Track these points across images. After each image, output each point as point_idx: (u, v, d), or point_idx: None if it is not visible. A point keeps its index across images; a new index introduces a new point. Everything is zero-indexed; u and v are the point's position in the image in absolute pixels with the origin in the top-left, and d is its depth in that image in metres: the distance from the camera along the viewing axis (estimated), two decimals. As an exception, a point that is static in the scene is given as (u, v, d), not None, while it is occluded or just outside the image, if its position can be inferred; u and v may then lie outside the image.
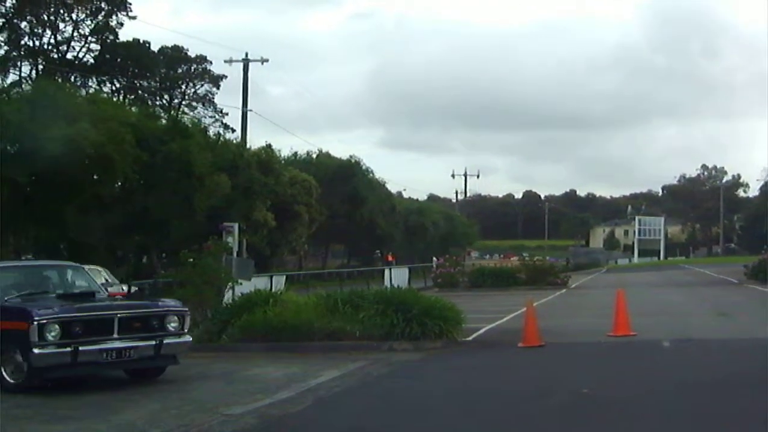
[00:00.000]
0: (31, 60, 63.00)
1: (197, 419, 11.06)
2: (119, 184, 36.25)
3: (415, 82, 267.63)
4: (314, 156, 70.17)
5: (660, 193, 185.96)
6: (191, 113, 70.56)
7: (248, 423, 10.82)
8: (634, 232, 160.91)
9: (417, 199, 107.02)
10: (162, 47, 70.49)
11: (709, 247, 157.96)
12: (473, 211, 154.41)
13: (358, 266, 68.19)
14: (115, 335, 13.16)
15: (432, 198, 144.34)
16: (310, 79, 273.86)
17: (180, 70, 72.80)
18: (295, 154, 67.78)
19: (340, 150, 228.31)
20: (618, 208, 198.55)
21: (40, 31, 63.10)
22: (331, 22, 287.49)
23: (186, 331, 14.44)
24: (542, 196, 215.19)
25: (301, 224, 54.13)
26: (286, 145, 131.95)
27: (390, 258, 74.83)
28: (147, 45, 67.90)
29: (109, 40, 65.33)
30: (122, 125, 33.88)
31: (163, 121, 44.05)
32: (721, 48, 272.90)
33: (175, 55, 71.01)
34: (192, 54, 72.19)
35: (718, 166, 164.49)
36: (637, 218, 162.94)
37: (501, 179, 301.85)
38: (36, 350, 12.53)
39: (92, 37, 65.07)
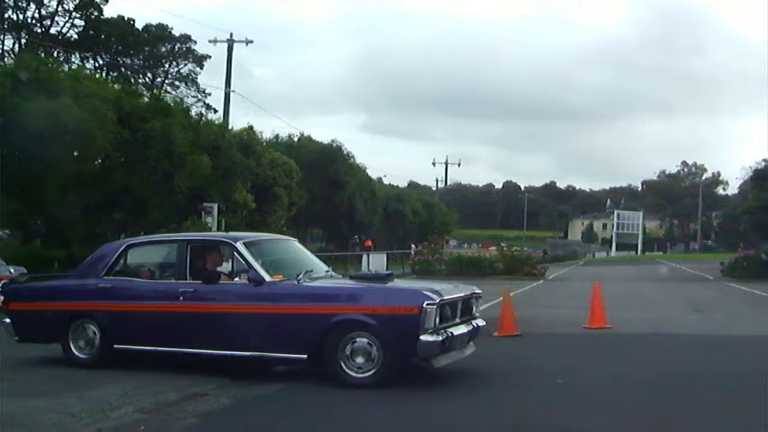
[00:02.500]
0: (14, 34, 62.67)
1: (171, 397, 11.09)
2: (99, 161, 36.11)
3: (400, 68, 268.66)
4: (296, 139, 70.01)
5: (639, 188, 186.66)
6: (174, 92, 70.54)
7: (222, 402, 10.87)
8: (613, 225, 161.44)
9: (397, 186, 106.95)
10: (146, 25, 70.45)
11: (687, 244, 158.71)
12: (453, 199, 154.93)
13: (336, 251, 68.08)
14: (458, 319, 12.58)
15: (412, 185, 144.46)
16: (294, 61, 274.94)
17: (164, 49, 72.71)
18: (277, 136, 67.57)
19: (322, 134, 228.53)
20: (597, 202, 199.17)
21: (24, 4, 62.78)
22: (317, 5, 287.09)
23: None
24: (522, 187, 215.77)
25: (280, 207, 53.97)
26: (268, 128, 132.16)
27: (369, 243, 74.81)
28: (131, 22, 67.75)
29: (93, 16, 65.09)
30: (104, 102, 33.69)
31: (146, 100, 43.84)
32: (709, 45, 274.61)
33: (159, 33, 70.88)
34: (176, 33, 72.14)
35: (698, 163, 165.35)
36: (615, 212, 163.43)
37: (482, 169, 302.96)
38: (424, 337, 11.57)
39: (77, 12, 64.86)
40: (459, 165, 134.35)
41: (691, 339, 18.24)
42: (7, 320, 14.17)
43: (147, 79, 71.61)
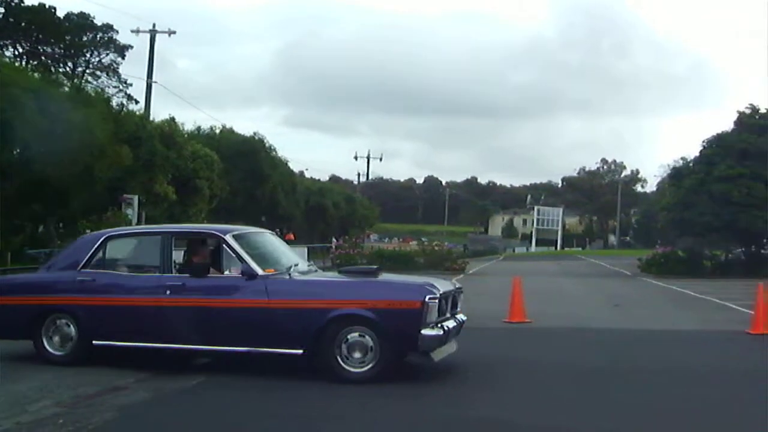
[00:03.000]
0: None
1: (90, 390, 11.03)
2: (17, 151, 35.68)
3: (324, 62, 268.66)
4: (218, 131, 69.75)
5: (560, 185, 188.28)
6: (95, 82, 69.71)
7: (141, 396, 10.81)
8: (533, 221, 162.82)
9: (319, 180, 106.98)
10: (68, 13, 69.51)
11: (605, 240, 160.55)
12: (375, 193, 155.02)
13: (257, 244, 67.92)
14: (448, 314, 12.48)
15: (334, 179, 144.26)
16: (217, 53, 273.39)
17: (85, 38, 71.81)
18: (199, 128, 67.26)
19: (245, 127, 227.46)
20: (518, 197, 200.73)
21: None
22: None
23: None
24: (444, 182, 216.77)
25: (201, 199, 53.75)
26: (190, 119, 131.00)
27: (290, 237, 74.72)
28: (52, 10, 66.82)
29: (13, 4, 64.15)
30: (24, 91, 33.35)
31: (66, 89, 43.40)
32: (631, 46, 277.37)
33: (80, 22, 70.02)
34: (98, 22, 71.28)
35: (617, 161, 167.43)
36: (536, 208, 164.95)
37: (404, 163, 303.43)
38: (425, 331, 11.51)
39: (-5, -1, 63.87)
40: (381, 159, 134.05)
41: (608, 333, 18.51)
42: None
43: (68, 69, 70.70)
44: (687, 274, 44.55)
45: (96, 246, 13.35)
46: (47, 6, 66.10)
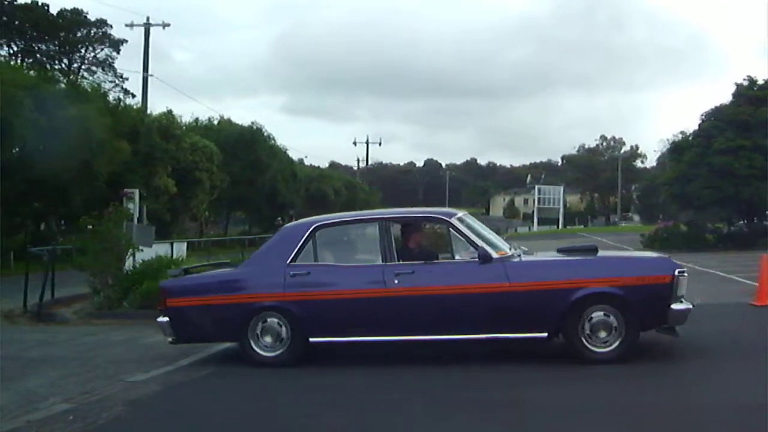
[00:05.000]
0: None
1: (99, 386, 11.00)
2: (17, 149, 35.69)
3: (319, 48, 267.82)
4: (216, 122, 69.76)
5: (560, 163, 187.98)
6: (91, 78, 69.55)
7: (151, 390, 10.77)
8: (534, 200, 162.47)
9: (318, 167, 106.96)
10: (61, 10, 69.28)
11: (607, 217, 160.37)
12: (375, 178, 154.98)
13: (259, 233, 67.97)
14: None
15: (333, 165, 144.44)
16: (213, 44, 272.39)
17: (79, 34, 71.64)
18: (197, 120, 67.36)
19: (243, 116, 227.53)
20: (518, 177, 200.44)
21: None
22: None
23: None
24: (443, 165, 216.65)
25: (202, 191, 53.85)
26: (188, 111, 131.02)
27: (292, 225, 74.76)
28: (46, 7, 66.66)
29: (6, 2, 64.03)
30: (20, 89, 33.33)
31: (62, 86, 43.38)
32: (628, 20, 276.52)
33: (74, 18, 69.82)
34: (92, 17, 71.11)
35: (616, 137, 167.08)
36: (536, 187, 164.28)
37: (403, 147, 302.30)
38: (675, 306, 11.17)
39: (-12, -2, 63.77)
40: (380, 144, 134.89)
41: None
42: (164, 319, 12.52)
43: (63, 65, 70.64)
44: (690, 248, 44.57)
45: (305, 237, 12.51)
46: (40, 3, 65.99)
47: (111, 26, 71.34)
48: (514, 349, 11.88)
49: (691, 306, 11.44)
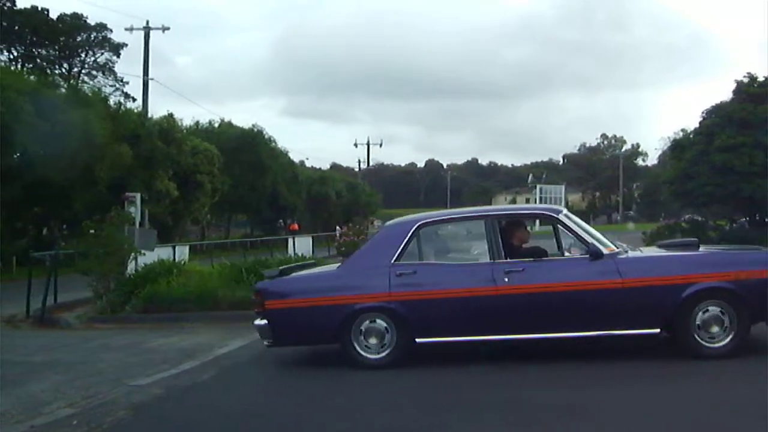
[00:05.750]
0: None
1: (102, 390, 10.98)
2: (18, 154, 35.71)
3: (320, 50, 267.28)
4: (216, 125, 69.80)
5: (561, 162, 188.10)
6: (91, 82, 69.67)
7: (154, 394, 10.73)
8: (536, 200, 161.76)
9: (320, 169, 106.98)
10: (61, 15, 69.36)
11: (609, 215, 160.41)
12: (376, 180, 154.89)
13: (261, 236, 68.02)
14: None
15: (335, 167, 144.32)
16: (213, 47, 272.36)
17: (79, 39, 71.72)
18: (197, 123, 67.33)
19: (243, 119, 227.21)
20: (519, 177, 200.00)
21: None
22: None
23: None
24: (445, 165, 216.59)
25: (203, 194, 53.85)
26: (188, 115, 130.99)
27: (294, 227, 74.80)
28: (45, 12, 66.80)
29: (6, 7, 64.09)
30: (20, 94, 33.36)
31: (63, 91, 43.41)
32: (627, 19, 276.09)
33: (74, 23, 69.89)
34: (92, 22, 71.18)
35: (618, 136, 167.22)
36: (538, 186, 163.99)
37: (404, 148, 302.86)
38: None
39: (-12, 4, 63.83)
40: (381, 145, 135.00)
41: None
42: (263, 322, 12.14)
43: (63, 70, 70.73)
44: (692, 246, 44.54)
45: (409, 235, 12.23)
46: (40, 8, 66.11)
47: (111, 30, 71.48)
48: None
49: None
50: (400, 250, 12.03)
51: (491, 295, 11.46)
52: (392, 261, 11.93)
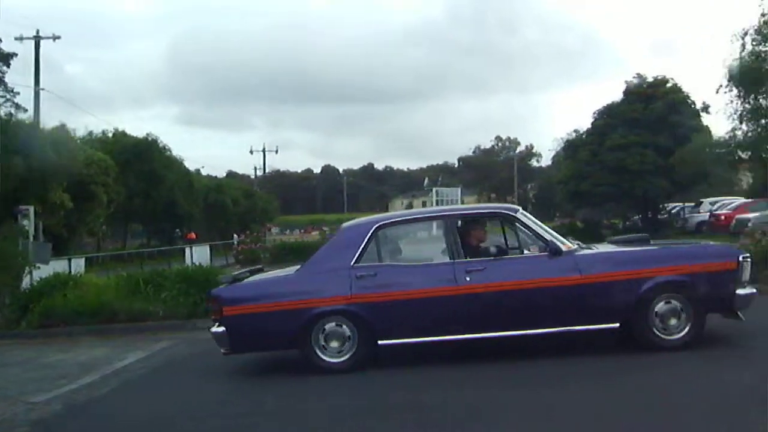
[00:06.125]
0: None
1: (0, 408, 10.80)
2: None
3: (213, 56, 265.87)
4: (110, 135, 68.99)
5: (456, 165, 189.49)
6: (-21, 94, 68.31)
7: (53, 410, 10.60)
8: (432, 202, 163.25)
9: (216, 177, 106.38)
10: (-55, 25, 68.07)
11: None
12: (273, 186, 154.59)
13: (158, 246, 67.38)
14: None
15: (231, 175, 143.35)
16: (106, 55, 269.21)
17: (-34, 49, 70.40)
18: (91, 133, 66.40)
19: (138, 128, 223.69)
20: (416, 180, 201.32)
21: None
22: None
23: None
24: (341, 170, 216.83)
25: (98, 205, 53.17)
26: (81, 125, 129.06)
27: (192, 236, 74.26)
28: (-70, 23, 65.53)
29: None
30: None
31: (-50, 103, 42.57)
32: (520, 22, 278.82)
33: (-40, 33, 68.60)
34: (-23, 33, 69.91)
35: (512, 137, 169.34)
36: (434, 189, 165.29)
37: (300, 154, 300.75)
38: (740, 291, 11.47)
39: None
40: (277, 152, 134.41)
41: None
42: (220, 329, 11.89)
43: (-50, 82, 69.29)
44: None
45: (368, 237, 12.14)
46: (-76, 19, 64.82)
47: (0, 40, 70.22)
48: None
49: (755, 291, 11.84)
50: (359, 252, 11.97)
51: (453, 295, 11.52)
52: (352, 263, 11.86)
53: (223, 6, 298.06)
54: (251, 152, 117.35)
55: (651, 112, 49.67)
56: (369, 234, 12.13)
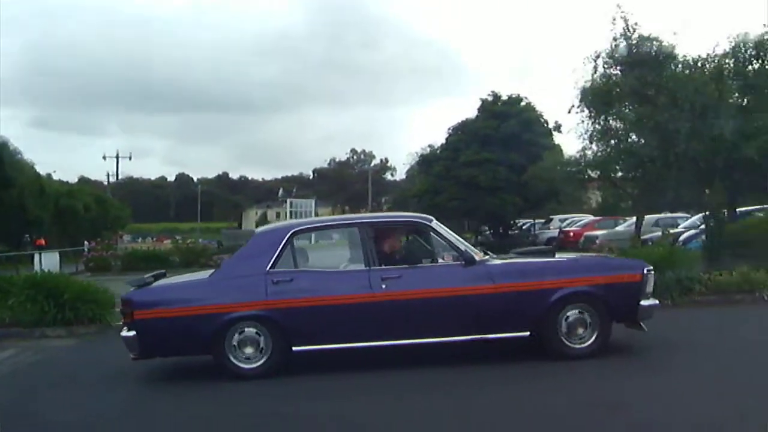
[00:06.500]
0: None
1: None
2: None
3: (69, 60, 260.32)
4: (-44, 138, 67.45)
5: (311, 176, 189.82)
6: None
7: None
8: (286, 214, 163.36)
9: (68, 182, 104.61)
10: None
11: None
12: (126, 193, 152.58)
13: (6, 251, 65.94)
14: None
15: (83, 180, 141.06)
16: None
17: None
18: (-64, 136, 64.88)
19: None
20: (270, 191, 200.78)
21: None
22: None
23: None
24: (195, 179, 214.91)
25: (-56, 209, 52.01)
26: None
27: (41, 242, 72.86)
28: None
29: None
30: None
31: None
32: (379, 38, 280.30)
33: None
34: None
35: (367, 151, 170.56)
36: (288, 200, 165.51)
37: (155, 162, 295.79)
38: (644, 302, 12.06)
39: None
40: (130, 158, 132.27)
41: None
42: (130, 333, 11.66)
43: None
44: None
45: (283, 242, 12.09)
46: None
47: None
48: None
49: (657, 302, 12.61)
50: (275, 257, 11.97)
51: (370, 302, 11.66)
52: (267, 268, 11.85)
53: (79, 8, 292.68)
54: (104, 158, 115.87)
55: (505, 129, 50.67)
56: (285, 239, 12.14)
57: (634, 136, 30.04)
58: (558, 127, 51.06)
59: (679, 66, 28.44)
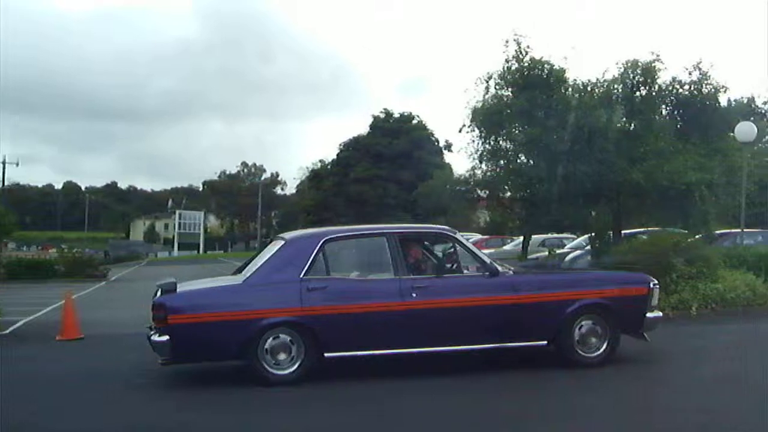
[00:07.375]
0: None
1: None
2: None
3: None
4: None
5: (201, 188, 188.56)
6: None
7: None
8: (175, 225, 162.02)
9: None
10: None
11: (247, 242, 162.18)
12: (12, 200, 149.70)
13: None
14: None
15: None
16: None
17: None
18: None
19: None
20: (159, 202, 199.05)
21: None
22: None
23: None
24: (83, 188, 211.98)
25: None
26: None
27: None
28: None
29: None
30: None
31: None
32: (273, 52, 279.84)
33: None
34: None
35: (258, 164, 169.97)
36: (177, 212, 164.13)
37: (43, 169, 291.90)
38: (650, 314, 12.93)
39: None
40: (17, 165, 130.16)
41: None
42: (163, 338, 11.59)
43: None
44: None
45: (316, 249, 12.22)
46: None
47: None
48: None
49: (660, 315, 13.36)
50: (308, 264, 12.07)
51: (402, 310, 11.93)
52: (301, 275, 11.95)
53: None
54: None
55: (396, 147, 50.92)
56: (318, 247, 12.27)
57: (523, 157, 30.26)
58: (449, 146, 51.65)
59: (569, 90, 28.75)
